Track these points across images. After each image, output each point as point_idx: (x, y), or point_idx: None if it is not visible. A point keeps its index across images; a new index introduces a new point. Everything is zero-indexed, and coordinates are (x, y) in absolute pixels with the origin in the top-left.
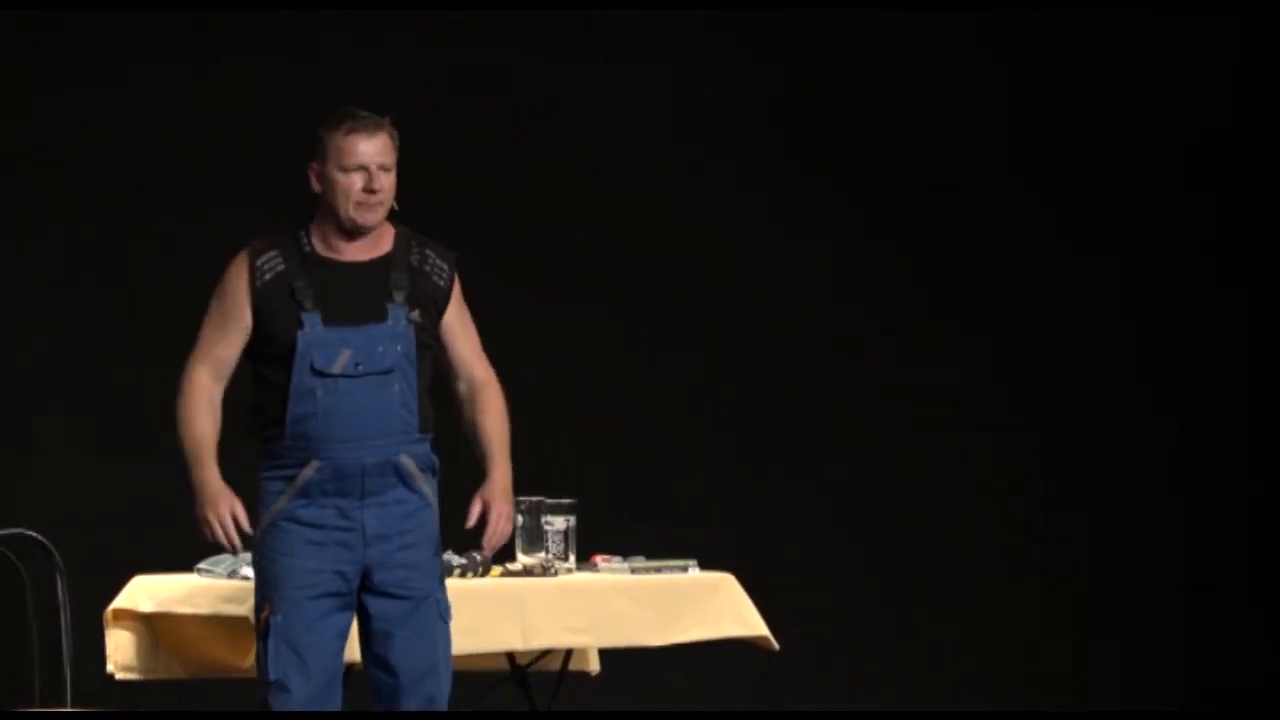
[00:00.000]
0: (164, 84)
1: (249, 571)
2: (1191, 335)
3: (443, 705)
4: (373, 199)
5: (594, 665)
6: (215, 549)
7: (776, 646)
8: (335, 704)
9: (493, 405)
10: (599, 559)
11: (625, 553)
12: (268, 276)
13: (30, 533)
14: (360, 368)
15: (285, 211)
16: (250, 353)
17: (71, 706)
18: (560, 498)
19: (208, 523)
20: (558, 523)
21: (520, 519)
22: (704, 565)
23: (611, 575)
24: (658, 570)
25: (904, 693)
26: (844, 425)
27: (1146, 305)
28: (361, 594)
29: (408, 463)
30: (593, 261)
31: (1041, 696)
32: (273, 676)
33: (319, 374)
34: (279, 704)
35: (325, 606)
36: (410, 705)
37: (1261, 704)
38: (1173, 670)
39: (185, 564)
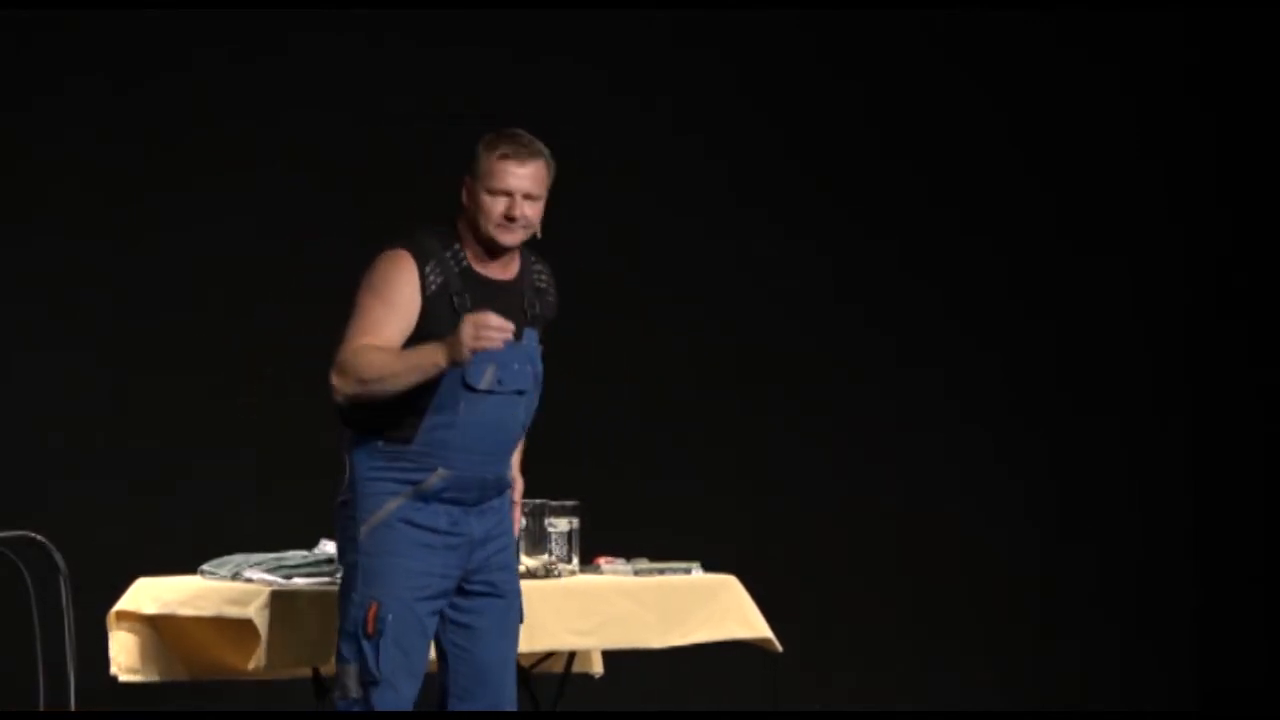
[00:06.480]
0: (164, 84)
1: (252, 574)
2: (1199, 334)
3: (511, 705)
4: (513, 225)
5: (597, 667)
6: (219, 551)
7: (780, 648)
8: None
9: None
10: (602, 561)
11: (628, 555)
12: (433, 287)
13: (33, 535)
14: (502, 385)
15: (284, 211)
16: None
17: (75, 709)
18: (563, 500)
19: (480, 339)
20: (561, 525)
21: (524, 521)
22: (707, 567)
23: (615, 577)
24: (661, 572)
25: (905, 693)
26: (846, 426)
27: (1154, 304)
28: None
29: (509, 475)
30: (593, 263)
31: (1045, 697)
32: (384, 674)
33: (468, 388)
34: (387, 702)
35: (428, 609)
36: (484, 700)
37: (1267, 705)
38: (1178, 671)
39: (189, 566)
